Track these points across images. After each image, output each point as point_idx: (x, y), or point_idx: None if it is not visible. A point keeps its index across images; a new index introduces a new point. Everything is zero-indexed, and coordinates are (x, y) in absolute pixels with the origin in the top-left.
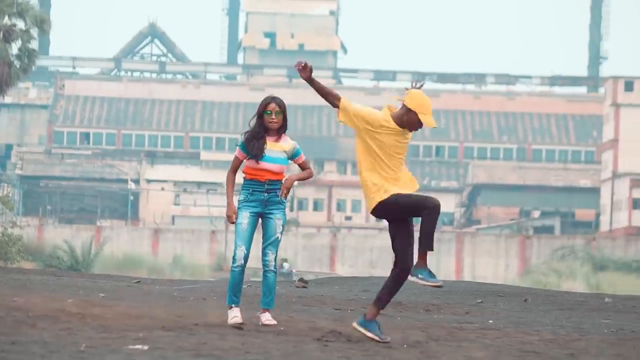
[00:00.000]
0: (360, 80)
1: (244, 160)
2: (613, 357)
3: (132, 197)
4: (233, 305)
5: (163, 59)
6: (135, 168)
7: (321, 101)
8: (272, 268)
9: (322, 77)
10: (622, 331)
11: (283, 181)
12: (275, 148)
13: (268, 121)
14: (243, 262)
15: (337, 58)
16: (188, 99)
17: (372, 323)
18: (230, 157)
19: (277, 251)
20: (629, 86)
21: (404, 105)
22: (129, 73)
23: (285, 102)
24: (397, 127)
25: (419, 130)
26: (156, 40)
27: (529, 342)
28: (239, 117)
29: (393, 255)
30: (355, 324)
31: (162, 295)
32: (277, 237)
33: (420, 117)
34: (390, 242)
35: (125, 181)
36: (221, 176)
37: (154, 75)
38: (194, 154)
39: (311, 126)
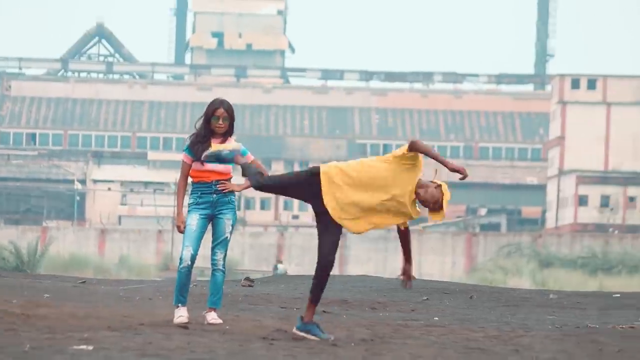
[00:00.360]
0: (308, 79)
1: (192, 164)
2: (557, 353)
3: (78, 198)
4: (180, 304)
5: (110, 59)
6: (81, 168)
7: (269, 100)
8: (220, 267)
9: (270, 76)
10: (566, 327)
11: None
12: (220, 149)
13: (215, 126)
14: (190, 262)
15: (285, 57)
16: (135, 99)
17: (311, 325)
18: (177, 156)
19: (226, 251)
20: (575, 84)
21: (439, 185)
22: (76, 74)
23: (233, 101)
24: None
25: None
26: (103, 41)
27: (474, 338)
28: (187, 117)
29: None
30: (295, 330)
31: (107, 295)
32: (226, 237)
33: (440, 211)
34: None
35: (72, 181)
36: (168, 176)
37: (101, 75)
38: (141, 154)
39: (259, 125)
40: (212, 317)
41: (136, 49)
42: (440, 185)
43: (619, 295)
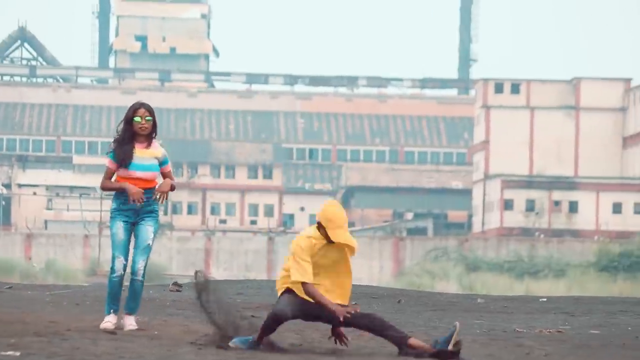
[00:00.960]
0: (233, 83)
1: (115, 170)
2: (485, 357)
3: (3, 202)
4: (112, 311)
5: (33, 62)
6: (6, 172)
7: (194, 104)
8: (139, 277)
9: (194, 81)
10: (493, 331)
11: (157, 186)
12: (145, 155)
13: (138, 127)
14: (122, 272)
15: (210, 61)
16: (59, 102)
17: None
18: (103, 161)
19: (147, 259)
20: (499, 88)
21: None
22: None
23: (157, 105)
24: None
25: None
26: (26, 44)
27: None
28: (112, 121)
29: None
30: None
31: (34, 300)
32: (148, 244)
33: (329, 232)
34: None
35: None
36: (94, 180)
37: (24, 79)
38: (66, 158)
39: (184, 129)
40: (130, 322)
41: (59, 52)
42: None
43: (545, 299)
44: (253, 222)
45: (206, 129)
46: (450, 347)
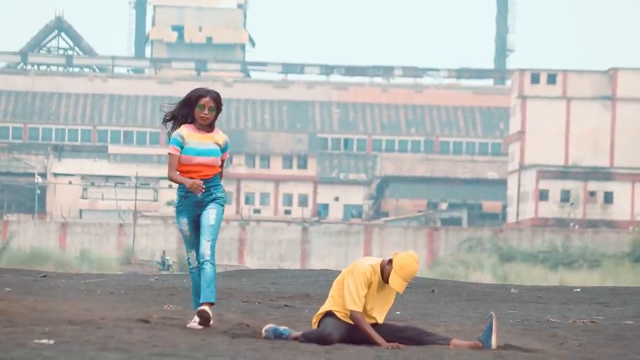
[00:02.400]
0: (269, 73)
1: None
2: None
3: (39, 191)
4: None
5: (70, 52)
6: (42, 162)
7: (230, 94)
8: (208, 259)
9: (230, 70)
10: (527, 321)
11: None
12: (206, 139)
13: (199, 115)
14: (197, 263)
15: (246, 51)
16: (95, 92)
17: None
18: (138, 150)
19: (213, 241)
20: (535, 78)
21: (391, 259)
22: (36, 67)
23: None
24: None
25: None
26: (63, 34)
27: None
28: (147, 111)
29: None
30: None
31: (68, 289)
32: (211, 224)
33: (394, 276)
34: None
35: (33, 175)
36: (129, 170)
37: (60, 68)
38: (102, 148)
39: (219, 119)
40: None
41: (96, 42)
42: (393, 258)
43: (579, 289)
44: (287, 212)
45: (242, 118)
46: (494, 346)
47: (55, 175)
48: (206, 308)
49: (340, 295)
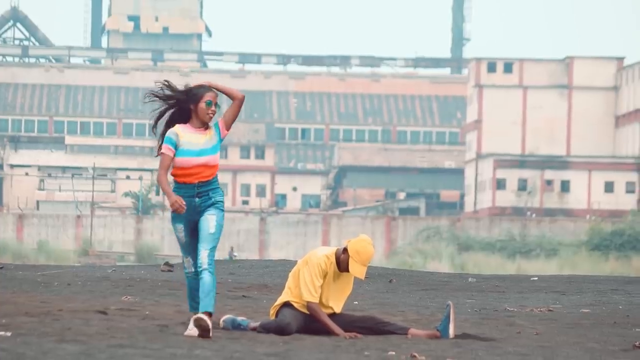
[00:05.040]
0: (226, 63)
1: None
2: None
3: None
4: (194, 312)
5: (26, 42)
6: None
7: (186, 83)
8: (205, 267)
9: (187, 60)
10: (485, 310)
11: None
12: (203, 139)
13: (207, 112)
14: (194, 269)
15: (202, 41)
16: (52, 83)
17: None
18: (95, 141)
19: (212, 249)
20: (491, 67)
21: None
22: None
23: (150, 85)
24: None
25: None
26: (18, 24)
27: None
28: (104, 101)
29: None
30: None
31: (25, 281)
32: (210, 232)
33: (352, 263)
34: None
35: None
36: (86, 161)
37: (16, 59)
38: (59, 139)
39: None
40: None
41: (52, 32)
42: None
43: (536, 278)
44: (245, 202)
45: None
46: (451, 335)
47: (12, 166)
48: (205, 317)
49: (297, 286)
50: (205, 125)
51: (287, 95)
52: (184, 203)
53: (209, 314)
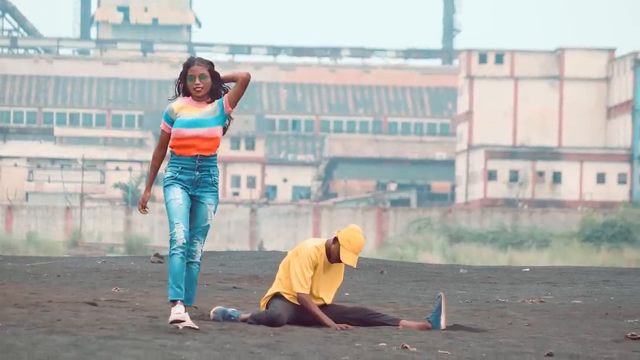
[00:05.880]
0: (215, 54)
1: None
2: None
3: None
4: (178, 299)
5: (14, 33)
6: None
7: (176, 75)
8: (197, 260)
9: (176, 51)
10: (476, 302)
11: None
12: (201, 110)
13: (192, 88)
14: (184, 241)
15: (192, 32)
16: (41, 74)
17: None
18: (84, 132)
19: (205, 241)
20: (482, 58)
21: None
22: None
23: (140, 76)
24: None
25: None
26: (7, 15)
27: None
28: (93, 92)
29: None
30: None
31: (15, 272)
32: (208, 224)
33: (343, 251)
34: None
35: None
36: (75, 152)
37: (5, 50)
38: (48, 130)
39: (166, 101)
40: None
41: (41, 23)
42: (338, 234)
43: (528, 269)
44: (235, 194)
45: None
46: (443, 326)
47: (1, 157)
48: (181, 308)
49: (288, 278)
50: (205, 99)
51: (277, 87)
52: (146, 209)
53: (190, 306)
